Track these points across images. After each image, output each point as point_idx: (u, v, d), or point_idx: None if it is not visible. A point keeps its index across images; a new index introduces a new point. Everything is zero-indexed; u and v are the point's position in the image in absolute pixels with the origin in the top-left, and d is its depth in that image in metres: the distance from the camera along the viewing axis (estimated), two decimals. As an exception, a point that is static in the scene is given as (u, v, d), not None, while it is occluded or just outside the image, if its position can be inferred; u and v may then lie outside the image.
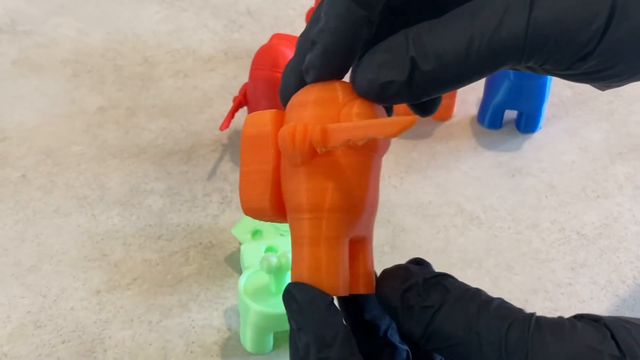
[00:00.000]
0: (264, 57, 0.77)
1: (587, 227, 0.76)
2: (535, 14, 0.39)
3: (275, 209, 0.43)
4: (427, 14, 0.45)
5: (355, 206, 0.44)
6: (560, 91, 0.91)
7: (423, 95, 0.42)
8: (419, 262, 0.47)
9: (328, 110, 0.42)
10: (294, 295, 0.43)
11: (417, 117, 0.38)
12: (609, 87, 0.43)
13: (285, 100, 0.47)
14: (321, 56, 0.43)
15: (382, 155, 0.45)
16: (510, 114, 0.86)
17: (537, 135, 0.86)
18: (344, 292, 0.44)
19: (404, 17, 0.48)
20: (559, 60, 0.40)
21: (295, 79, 0.47)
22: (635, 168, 0.82)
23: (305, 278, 0.43)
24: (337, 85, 0.43)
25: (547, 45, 0.39)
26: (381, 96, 0.42)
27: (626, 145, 0.84)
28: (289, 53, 0.77)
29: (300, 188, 0.42)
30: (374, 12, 0.42)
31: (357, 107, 0.41)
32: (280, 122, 0.43)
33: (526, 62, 0.41)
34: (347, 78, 0.43)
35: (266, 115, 0.44)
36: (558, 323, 0.40)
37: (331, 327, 0.42)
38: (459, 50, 0.40)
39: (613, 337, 0.40)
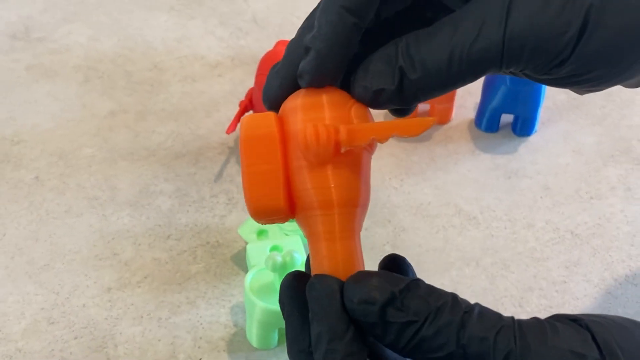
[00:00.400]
0: (269, 63, 0.77)
1: (580, 227, 0.76)
2: (510, 25, 0.40)
3: (288, 206, 0.43)
4: (416, 24, 0.46)
5: (363, 200, 0.45)
6: (554, 96, 0.91)
7: (412, 101, 0.44)
8: (394, 259, 0.49)
9: (340, 112, 0.43)
10: (315, 285, 0.43)
11: (435, 118, 0.40)
12: (588, 91, 0.44)
13: (268, 101, 0.48)
14: (315, 61, 0.44)
15: (372, 154, 0.49)
16: (507, 118, 0.86)
17: (532, 139, 0.86)
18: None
19: (395, 27, 0.50)
20: (537, 66, 0.41)
21: (280, 82, 0.47)
22: (627, 170, 0.82)
23: (326, 271, 0.43)
24: (336, 90, 0.44)
25: (523, 54, 0.40)
26: (375, 102, 0.45)
27: (618, 148, 0.84)
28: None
29: (327, 185, 0.42)
30: (365, 20, 0.44)
31: (364, 107, 0.43)
32: (280, 124, 0.44)
33: (507, 69, 0.42)
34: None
35: (270, 117, 0.44)
36: (540, 327, 0.40)
37: (344, 321, 0.42)
38: (442, 60, 0.41)
39: (594, 338, 0.40)
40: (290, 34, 0.98)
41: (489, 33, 0.40)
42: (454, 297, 0.42)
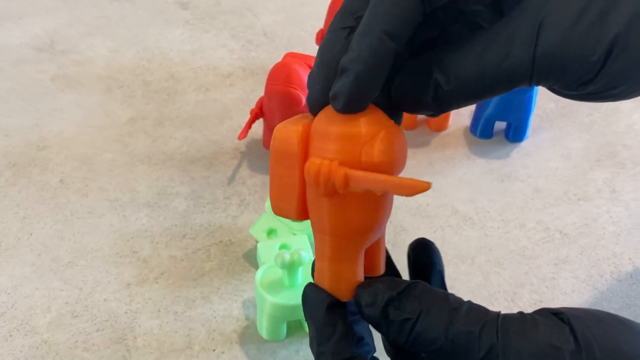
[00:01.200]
0: (278, 74, 0.77)
1: (569, 227, 0.76)
2: (539, 47, 0.40)
3: (300, 214, 0.44)
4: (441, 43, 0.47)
5: (372, 228, 0.44)
6: (544, 104, 0.91)
7: (446, 109, 0.44)
8: (421, 242, 0.49)
9: (351, 147, 0.41)
10: (307, 294, 0.44)
11: (430, 183, 0.39)
12: (612, 101, 0.44)
13: (313, 109, 0.46)
14: (353, 84, 0.43)
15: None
16: (500, 125, 0.86)
17: (524, 144, 0.86)
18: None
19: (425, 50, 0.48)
20: (565, 85, 0.41)
21: (321, 85, 0.46)
22: (612, 174, 0.82)
23: (326, 288, 0.44)
24: (361, 120, 0.42)
25: (552, 73, 0.40)
26: (410, 110, 0.45)
27: (604, 153, 0.84)
28: (300, 70, 0.77)
29: (323, 215, 0.43)
30: (402, 45, 0.43)
31: (377, 146, 0.41)
32: (305, 141, 0.43)
33: (537, 84, 0.42)
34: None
35: (293, 136, 0.43)
36: (521, 321, 0.41)
37: (330, 326, 0.44)
38: (474, 76, 0.42)
39: (572, 331, 0.40)
40: (297, 47, 0.98)
41: (519, 53, 0.41)
42: (445, 296, 0.43)
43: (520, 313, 0.42)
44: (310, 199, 0.43)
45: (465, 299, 0.53)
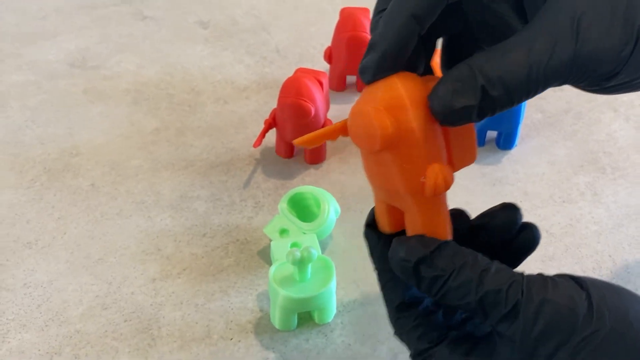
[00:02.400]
0: (289, 87, 0.77)
1: (554, 227, 0.76)
2: (579, 47, 0.40)
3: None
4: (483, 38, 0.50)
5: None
6: (532, 115, 0.90)
7: (489, 115, 0.43)
8: (457, 210, 0.50)
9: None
10: (367, 235, 0.50)
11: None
12: (629, 92, 0.46)
13: (369, 74, 0.46)
14: (379, 58, 0.44)
15: None
16: (491, 134, 0.86)
17: (513, 152, 0.85)
18: (450, 237, 0.46)
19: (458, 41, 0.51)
20: (593, 81, 0.42)
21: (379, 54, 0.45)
22: (594, 178, 0.82)
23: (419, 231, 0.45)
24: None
25: (587, 71, 0.41)
26: (455, 119, 0.42)
27: (586, 159, 0.84)
28: (310, 84, 0.77)
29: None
30: (424, 29, 0.44)
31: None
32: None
33: (568, 83, 0.43)
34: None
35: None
36: (543, 281, 0.42)
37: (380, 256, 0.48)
38: (521, 78, 0.41)
39: (588, 296, 0.41)
40: (307, 62, 0.98)
41: (562, 53, 0.40)
42: (475, 256, 0.44)
43: (542, 275, 0.43)
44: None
45: None
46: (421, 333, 0.46)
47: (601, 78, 0.42)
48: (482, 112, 0.42)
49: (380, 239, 0.49)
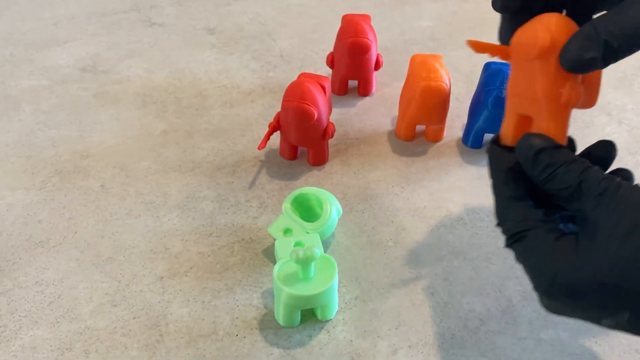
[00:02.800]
0: (293, 91, 0.77)
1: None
2: None
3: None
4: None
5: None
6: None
7: (612, 62, 0.51)
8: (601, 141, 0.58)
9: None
10: (492, 148, 0.58)
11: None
12: None
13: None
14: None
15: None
16: (489, 137, 0.86)
17: (510, 154, 0.86)
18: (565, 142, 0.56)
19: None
20: None
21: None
22: (588, 179, 0.82)
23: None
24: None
25: None
26: (583, 68, 0.51)
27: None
28: (313, 88, 0.77)
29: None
30: None
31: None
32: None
33: None
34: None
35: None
36: (632, 185, 0.49)
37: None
38: (636, 30, 0.48)
39: None
40: (310, 67, 0.98)
41: None
42: (582, 159, 0.52)
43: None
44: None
45: (458, 290, 0.60)
46: (521, 219, 0.53)
47: None
48: (606, 61, 0.50)
49: (502, 150, 0.57)
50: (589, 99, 0.58)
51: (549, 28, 0.52)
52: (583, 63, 0.51)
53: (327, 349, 0.64)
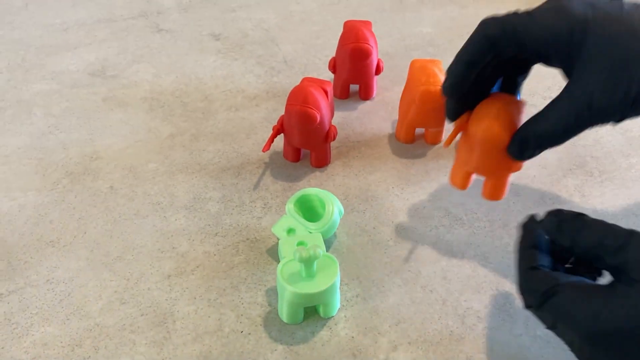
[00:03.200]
0: (296, 96, 0.77)
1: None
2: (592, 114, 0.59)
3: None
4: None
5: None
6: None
7: (539, 152, 0.64)
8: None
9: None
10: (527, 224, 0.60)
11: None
12: None
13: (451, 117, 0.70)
14: (448, 88, 0.67)
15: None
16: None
17: (506, 156, 0.86)
18: None
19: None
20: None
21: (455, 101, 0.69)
22: (582, 181, 0.82)
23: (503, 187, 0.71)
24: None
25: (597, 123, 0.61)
26: (524, 159, 0.66)
27: (575, 163, 0.84)
28: (315, 92, 0.77)
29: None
30: (477, 70, 0.65)
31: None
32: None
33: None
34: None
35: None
36: None
37: None
38: (552, 133, 0.61)
39: None
40: (313, 72, 0.98)
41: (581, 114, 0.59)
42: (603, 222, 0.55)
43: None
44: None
45: (456, 288, 0.61)
46: (549, 278, 0.53)
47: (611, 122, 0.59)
48: (536, 151, 0.63)
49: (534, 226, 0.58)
50: (498, 194, 0.72)
51: (504, 127, 0.65)
52: (523, 154, 0.64)
53: (329, 346, 0.64)
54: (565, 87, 0.60)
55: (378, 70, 0.92)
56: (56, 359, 0.63)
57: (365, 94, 0.94)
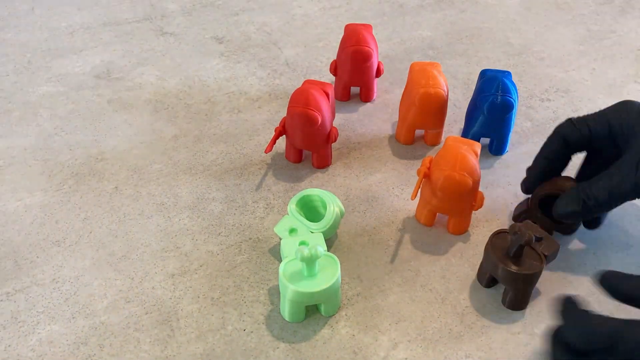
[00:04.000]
0: (298, 98, 0.77)
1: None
2: (637, 180, 0.65)
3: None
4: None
5: None
6: (522, 123, 0.90)
7: (589, 216, 0.71)
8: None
9: None
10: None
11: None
12: None
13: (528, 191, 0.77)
14: (529, 180, 0.76)
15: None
16: (485, 140, 0.86)
17: (504, 157, 0.85)
18: None
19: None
20: None
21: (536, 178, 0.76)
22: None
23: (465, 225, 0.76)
24: None
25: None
26: (566, 219, 0.71)
27: (571, 164, 0.84)
28: (317, 94, 0.77)
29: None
30: (555, 162, 0.75)
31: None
32: None
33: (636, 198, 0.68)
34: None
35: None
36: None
37: None
38: (605, 197, 0.67)
39: None
40: (314, 75, 0.98)
41: (629, 180, 0.65)
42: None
43: None
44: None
45: (455, 287, 0.61)
46: None
47: None
48: (583, 214, 0.69)
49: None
50: (461, 229, 0.76)
51: (462, 174, 0.70)
52: (566, 215, 0.70)
53: (330, 344, 0.64)
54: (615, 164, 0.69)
55: (378, 73, 0.93)
56: (62, 356, 0.63)
57: (365, 96, 0.95)
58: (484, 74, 0.84)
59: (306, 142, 0.81)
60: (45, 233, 0.75)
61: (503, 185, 0.82)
